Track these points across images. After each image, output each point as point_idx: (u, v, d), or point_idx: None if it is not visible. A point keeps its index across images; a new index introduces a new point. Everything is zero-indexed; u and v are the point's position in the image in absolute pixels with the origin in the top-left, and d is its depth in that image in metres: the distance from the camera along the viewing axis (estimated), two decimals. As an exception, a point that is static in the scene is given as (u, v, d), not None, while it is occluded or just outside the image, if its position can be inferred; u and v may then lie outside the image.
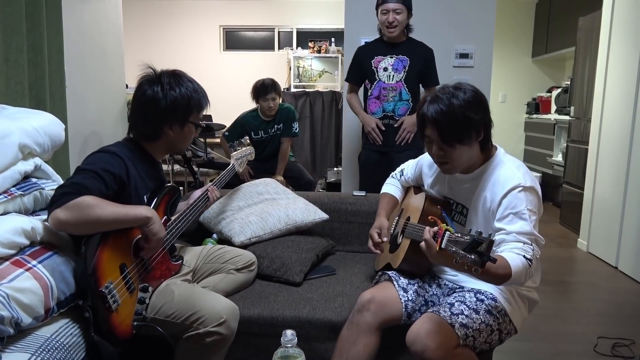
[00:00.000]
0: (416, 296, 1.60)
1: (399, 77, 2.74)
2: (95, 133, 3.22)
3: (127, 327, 1.39)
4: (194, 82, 1.63)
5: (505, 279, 1.28)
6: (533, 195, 1.41)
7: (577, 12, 4.73)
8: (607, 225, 3.58)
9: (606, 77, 3.66)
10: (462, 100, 1.43)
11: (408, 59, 2.74)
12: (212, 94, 1.74)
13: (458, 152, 1.46)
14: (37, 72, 2.17)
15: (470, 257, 1.13)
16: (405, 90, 2.75)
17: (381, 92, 2.77)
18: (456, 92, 1.44)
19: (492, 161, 1.51)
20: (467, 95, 1.44)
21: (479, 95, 1.47)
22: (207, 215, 2.24)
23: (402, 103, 2.76)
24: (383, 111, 2.78)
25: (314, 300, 1.79)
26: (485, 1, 3.33)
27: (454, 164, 1.49)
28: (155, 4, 6.75)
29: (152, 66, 1.60)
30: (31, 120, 1.60)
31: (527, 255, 1.32)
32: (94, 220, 1.32)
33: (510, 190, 1.40)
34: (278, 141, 3.70)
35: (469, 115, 1.42)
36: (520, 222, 1.37)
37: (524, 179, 1.41)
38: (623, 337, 2.41)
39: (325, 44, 6.37)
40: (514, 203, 1.39)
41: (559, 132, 5.22)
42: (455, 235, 1.18)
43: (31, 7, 2.10)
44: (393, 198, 1.88)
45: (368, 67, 2.79)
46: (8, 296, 1.16)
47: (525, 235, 1.36)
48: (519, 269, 1.28)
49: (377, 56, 2.77)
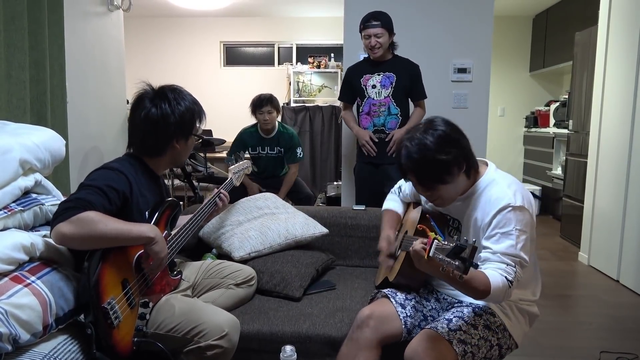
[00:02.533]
0: (414, 312, 1.59)
1: (386, 93, 2.87)
2: (96, 148, 3.23)
3: (127, 343, 1.38)
4: (190, 95, 1.67)
5: (484, 295, 1.32)
6: (523, 215, 1.40)
7: (574, 27, 4.79)
8: (608, 238, 3.57)
9: (603, 90, 3.69)
10: (431, 143, 1.40)
11: (394, 75, 2.87)
12: (213, 109, 1.78)
13: (443, 190, 1.46)
14: (38, 88, 2.19)
15: (454, 263, 1.14)
16: (393, 104, 2.88)
17: (371, 108, 2.91)
18: (424, 137, 1.42)
19: (483, 181, 1.51)
20: (435, 136, 1.41)
21: (449, 132, 1.44)
22: (206, 230, 2.24)
23: (392, 117, 2.89)
24: (374, 126, 2.92)
25: (314, 316, 1.78)
26: (482, 16, 3.37)
27: (443, 199, 1.50)
28: (156, 20, 6.83)
29: (148, 82, 1.62)
30: (32, 136, 1.61)
31: (509, 277, 1.35)
32: (97, 235, 1.31)
33: (500, 210, 1.40)
34: (278, 165, 3.72)
35: (441, 159, 1.40)
36: (507, 242, 1.38)
37: (514, 199, 1.41)
38: (626, 351, 2.39)
39: (324, 59, 6.43)
40: (503, 222, 1.40)
41: (557, 146, 5.23)
42: (443, 244, 1.20)
43: (34, 24, 2.13)
44: (395, 213, 1.88)
45: (357, 85, 2.94)
46: (6, 312, 1.16)
47: (510, 257, 1.37)
48: (498, 288, 1.32)
49: (365, 75, 2.92)
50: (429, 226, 1.55)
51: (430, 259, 1.22)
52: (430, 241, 1.23)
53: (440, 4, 3.37)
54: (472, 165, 1.48)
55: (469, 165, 1.47)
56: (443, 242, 1.21)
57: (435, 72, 3.36)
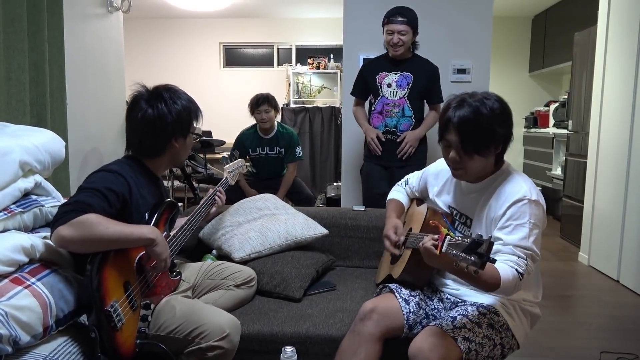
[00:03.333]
0: (417, 308, 1.59)
1: (402, 94, 2.75)
2: (96, 150, 3.23)
3: (130, 346, 1.38)
4: (186, 93, 1.67)
5: (494, 288, 1.32)
6: (538, 209, 1.41)
7: (573, 27, 4.79)
8: (608, 238, 3.57)
9: (603, 90, 3.69)
10: (489, 110, 1.40)
11: (412, 76, 2.75)
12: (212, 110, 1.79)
13: (474, 161, 1.45)
14: (38, 90, 2.20)
15: (470, 258, 1.15)
16: (408, 106, 2.77)
17: (384, 108, 2.79)
18: (485, 101, 1.41)
19: (501, 173, 1.52)
20: (496, 106, 1.42)
21: (507, 109, 1.45)
22: (206, 231, 2.24)
23: (405, 119, 2.78)
24: (385, 126, 2.80)
25: (314, 316, 1.78)
26: (481, 17, 3.37)
27: (467, 171, 1.49)
28: (156, 22, 6.84)
29: (142, 83, 1.62)
30: (32, 138, 1.61)
31: (520, 269, 1.35)
32: (97, 238, 1.31)
33: (515, 202, 1.41)
34: (279, 165, 3.72)
35: (494, 128, 1.40)
36: (520, 234, 1.38)
37: (529, 192, 1.42)
38: (626, 351, 2.39)
39: (324, 60, 6.44)
40: (518, 214, 1.40)
41: (557, 146, 5.24)
42: (456, 239, 1.20)
43: (33, 26, 2.13)
44: (400, 203, 1.87)
45: (372, 82, 2.81)
46: (6, 314, 1.16)
47: (522, 249, 1.37)
48: (508, 280, 1.32)
49: (381, 72, 2.79)
50: (441, 222, 1.55)
51: (442, 254, 1.22)
52: (443, 237, 1.23)
53: (440, 5, 3.38)
54: (503, 152, 1.49)
55: (503, 150, 1.47)
56: (456, 237, 1.21)
57: (435, 73, 3.36)
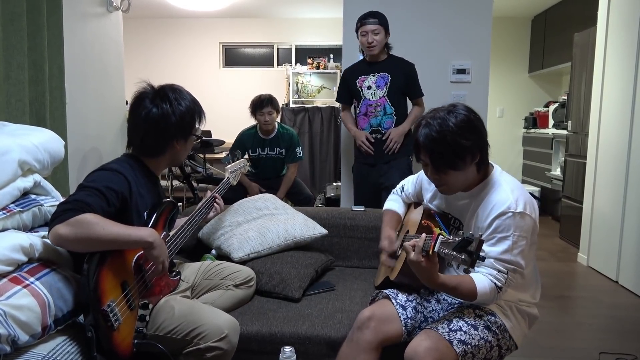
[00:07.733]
0: (415, 313, 1.59)
1: (381, 93, 2.89)
2: (95, 149, 3.23)
3: (128, 346, 1.37)
4: (190, 94, 1.66)
5: (471, 298, 1.40)
6: (523, 220, 1.40)
7: (572, 28, 4.79)
8: (607, 239, 3.57)
9: (602, 91, 3.69)
10: (453, 125, 1.40)
11: (389, 75, 2.89)
12: (212, 110, 1.77)
13: (452, 176, 1.45)
14: (37, 89, 2.19)
15: (460, 257, 1.15)
16: (388, 104, 2.90)
17: (367, 109, 2.94)
18: (448, 117, 1.41)
19: (488, 182, 1.51)
20: (458, 119, 1.41)
21: (472, 119, 1.44)
22: (205, 231, 2.24)
23: (387, 117, 2.92)
24: (371, 126, 2.94)
25: (313, 317, 1.78)
26: (481, 17, 3.37)
27: (449, 186, 1.50)
28: (155, 21, 6.84)
29: (149, 82, 1.61)
30: (31, 137, 1.61)
31: (499, 283, 1.39)
32: (94, 238, 1.29)
33: (500, 215, 1.41)
34: (278, 165, 3.72)
35: (460, 143, 1.39)
36: (503, 247, 1.39)
37: (515, 204, 1.40)
38: (625, 352, 2.39)
39: (323, 60, 6.44)
40: (502, 227, 1.40)
41: (556, 147, 5.24)
42: (448, 239, 1.21)
43: (33, 26, 2.13)
44: (396, 214, 1.88)
45: (354, 86, 2.96)
46: (5, 313, 1.16)
47: (503, 263, 1.39)
48: (485, 293, 1.38)
49: (360, 76, 2.94)
50: (434, 222, 1.55)
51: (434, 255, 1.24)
52: (435, 236, 1.23)
53: (439, 5, 3.38)
54: (484, 159, 1.47)
55: (482, 158, 1.46)
56: (448, 237, 1.22)
57: (434, 73, 3.36)
